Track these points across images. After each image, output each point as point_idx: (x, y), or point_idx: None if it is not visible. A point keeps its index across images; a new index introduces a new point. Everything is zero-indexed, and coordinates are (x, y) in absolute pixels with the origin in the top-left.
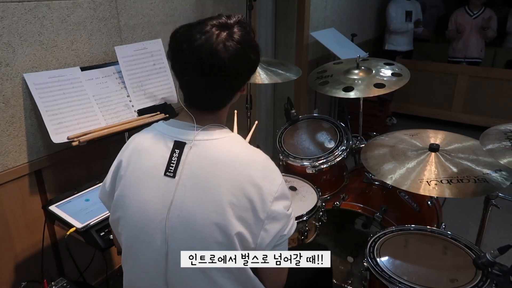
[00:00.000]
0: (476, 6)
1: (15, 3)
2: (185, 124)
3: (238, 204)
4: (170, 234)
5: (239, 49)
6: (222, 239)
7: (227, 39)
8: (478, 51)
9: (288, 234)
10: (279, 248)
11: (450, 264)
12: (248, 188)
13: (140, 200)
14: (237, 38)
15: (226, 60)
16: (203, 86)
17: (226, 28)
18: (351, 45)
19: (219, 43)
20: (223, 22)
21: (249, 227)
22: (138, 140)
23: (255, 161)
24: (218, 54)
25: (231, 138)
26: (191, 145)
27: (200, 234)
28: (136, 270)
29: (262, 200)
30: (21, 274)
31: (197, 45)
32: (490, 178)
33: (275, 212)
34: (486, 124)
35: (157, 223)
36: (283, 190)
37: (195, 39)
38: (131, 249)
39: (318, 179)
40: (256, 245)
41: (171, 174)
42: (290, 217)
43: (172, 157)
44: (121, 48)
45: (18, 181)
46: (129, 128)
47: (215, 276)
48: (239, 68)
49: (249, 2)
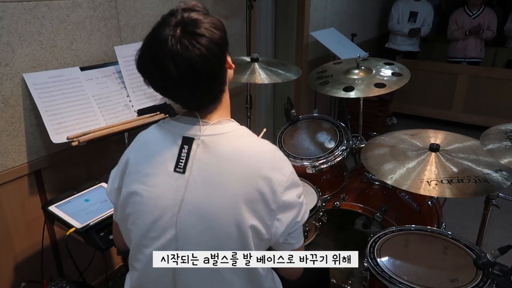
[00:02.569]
0: (475, 6)
1: (15, 3)
2: (192, 119)
3: (250, 198)
4: (181, 230)
5: (201, 40)
6: (235, 233)
7: (181, 37)
8: (477, 51)
9: (302, 221)
10: (293, 235)
11: (450, 264)
12: (258, 181)
13: (150, 196)
14: (195, 29)
15: (193, 58)
16: (186, 92)
17: (177, 25)
18: (351, 45)
19: (176, 44)
20: (173, 22)
21: (262, 219)
22: (146, 137)
23: (263, 153)
24: (181, 56)
25: (238, 131)
26: (199, 141)
27: (212, 230)
28: (144, 266)
29: (273, 192)
30: (20, 275)
31: (160, 58)
32: (490, 178)
33: (286, 202)
34: (487, 124)
35: (167, 219)
36: (294, 179)
37: (155, 55)
38: (140, 245)
39: (318, 179)
40: (270, 235)
41: (181, 170)
42: (302, 204)
43: (181, 153)
44: (121, 48)
45: (17, 181)
46: (129, 128)
47: (225, 273)
48: (210, 59)
49: (249, 2)
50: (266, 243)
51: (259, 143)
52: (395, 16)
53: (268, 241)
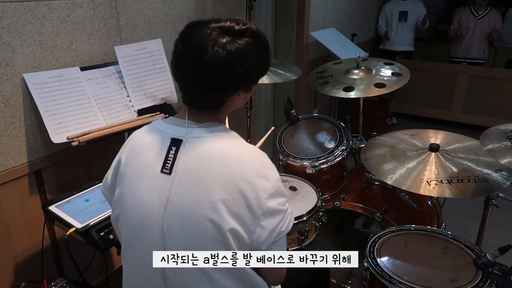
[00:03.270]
0: (481, 6)
1: (15, 3)
2: (182, 121)
3: (232, 201)
4: (167, 231)
5: (227, 57)
6: (217, 235)
7: (224, 43)
8: (481, 52)
9: (286, 230)
10: (277, 244)
11: (450, 264)
12: (241, 184)
13: (137, 197)
14: (233, 46)
15: (211, 61)
16: (196, 87)
17: (229, 33)
18: (351, 45)
19: (210, 45)
20: (227, 26)
21: (244, 223)
22: (137, 138)
23: (249, 158)
24: (205, 55)
25: (226, 135)
26: (185, 141)
27: (196, 230)
28: (134, 267)
29: (257, 197)
30: (20, 275)
31: (191, 45)
32: (490, 178)
33: (270, 208)
34: (486, 124)
35: (154, 220)
36: (278, 187)
37: (193, 40)
38: (129, 246)
39: (318, 179)
40: (252, 241)
41: (167, 171)
42: (286, 213)
43: (169, 154)
44: (121, 48)
45: (17, 181)
46: (129, 128)
47: (214, 274)
48: (228, 74)
49: (249, 2)
50: (247, 248)
51: (246, 148)
52: (382, 21)
53: (249, 246)
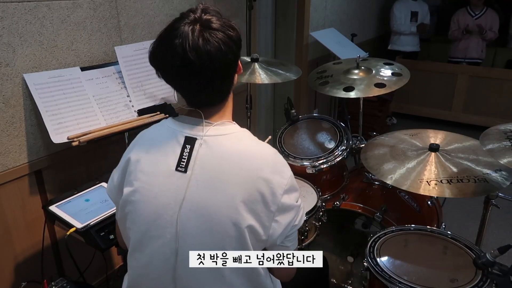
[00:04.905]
0: (477, 6)
1: (15, 3)
2: (195, 120)
3: (249, 198)
4: (181, 229)
5: (219, 34)
6: (234, 232)
7: (202, 30)
8: (479, 51)
9: (299, 224)
10: (290, 238)
11: (450, 264)
12: (258, 182)
13: (151, 195)
14: (213, 25)
15: (212, 50)
16: (201, 82)
17: (196, 21)
18: (351, 45)
19: (197, 37)
20: (192, 18)
21: (260, 219)
22: (148, 136)
23: (264, 156)
24: (202, 48)
25: (240, 134)
26: (201, 141)
27: (212, 229)
28: (143, 265)
29: (273, 193)
30: (21, 274)
31: (181, 49)
32: (490, 178)
33: (285, 204)
34: (486, 124)
35: (168, 218)
36: (292, 183)
37: (175, 45)
38: (139, 244)
39: (318, 179)
40: (268, 237)
41: (183, 169)
42: (300, 207)
43: (184, 152)
44: (121, 48)
45: (18, 181)
46: (129, 128)
47: (226, 273)
48: (228, 53)
49: (249, 2)
50: (263, 244)
51: (260, 146)
52: (398, 17)
53: (265, 242)
